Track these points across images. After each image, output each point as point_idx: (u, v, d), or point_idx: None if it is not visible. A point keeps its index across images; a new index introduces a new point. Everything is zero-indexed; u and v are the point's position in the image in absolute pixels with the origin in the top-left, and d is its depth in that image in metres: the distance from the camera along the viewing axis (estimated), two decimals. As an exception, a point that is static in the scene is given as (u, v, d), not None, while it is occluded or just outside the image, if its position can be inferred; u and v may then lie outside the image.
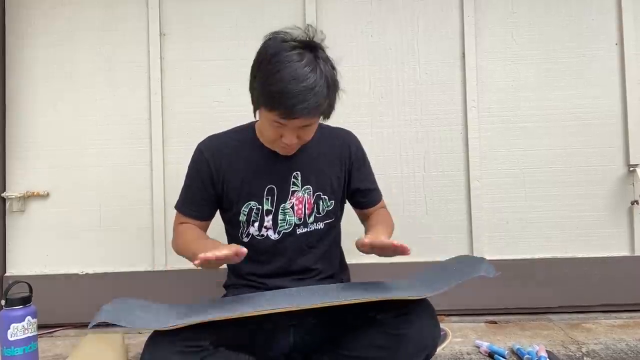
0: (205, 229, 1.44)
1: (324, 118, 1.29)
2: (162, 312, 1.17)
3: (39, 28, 2.05)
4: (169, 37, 2.06)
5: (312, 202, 1.37)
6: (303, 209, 1.36)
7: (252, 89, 1.27)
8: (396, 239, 1.60)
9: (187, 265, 1.98)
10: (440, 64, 2.05)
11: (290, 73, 1.15)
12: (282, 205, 1.35)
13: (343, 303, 1.11)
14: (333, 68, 1.25)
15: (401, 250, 1.16)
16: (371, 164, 1.52)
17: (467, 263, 1.27)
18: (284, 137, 1.24)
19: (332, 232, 1.43)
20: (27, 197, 2.02)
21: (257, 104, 1.26)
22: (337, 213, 1.44)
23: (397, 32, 2.06)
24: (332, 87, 1.23)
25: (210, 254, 1.08)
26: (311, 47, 1.22)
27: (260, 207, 1.35)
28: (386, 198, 1.58)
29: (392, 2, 2.06)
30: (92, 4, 2.06)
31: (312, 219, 1.37)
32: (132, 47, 2.05)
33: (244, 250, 1.14)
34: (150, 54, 2.04)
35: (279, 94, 1.15)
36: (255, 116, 1.32)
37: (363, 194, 1.48)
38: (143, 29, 2.05)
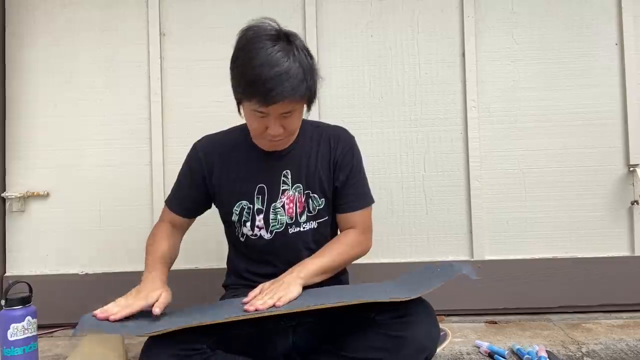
0: (186, 226, 1.48)
1: (307, 106, 1.28)
2: (146, 318, 1.16)
3: (39, 28, 2.05)
4: (169, 37, 2.06)
5: (302, 200, 1.36)
6: (294, 208, 1.36)
7: (232, 85, 1.28)
8: (396, 240, 1.61)
9: (187, 265, 1.99)
10: (440, 64, 2.05)
11: (263, 59, 1.17)
12: (272, 205, 1.35)
13: (326, 306, 1.12)
14: (309, 56, 1.25)
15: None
16: (371, 164, 1.50)
17: (447, 267, 1.27)
18: (269, 129, 1.24)
19: (328, 231, 1.42)
20: (27, 197, 2.02)
21: (238, 98, 1.28)
22: (331, 212, 1.42)
23: (397, 32, 2.06)
24: (308, 72, 1.21)
25: (105, 314, 1.10)
26: (285, 36, 1.23)
27: (251, 206, 1.35)
28: (386, 198, 1.57)
29: (392, 2, 2.06)
30: (92, 4, 2.06)
31: (303, 217, 1.37)
32: (132, 47, 2.05)
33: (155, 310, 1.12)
34: (150, 54, 2.04)
35: (254, 80, 1.17)
36: (240, 113, 1.32)
37: (339, 195, 1.39)
38: (143, 29, 2.05)
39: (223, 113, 2.00)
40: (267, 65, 1.16)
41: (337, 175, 1.38)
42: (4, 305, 1.39)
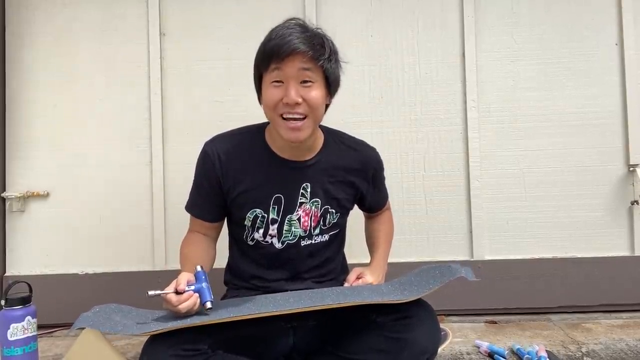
0: (218, 228, 1.41)
1: (327, 87, 1.26)
2: (143, 318, 1.17)
3: (39, 28, 2.05)
4: (169, 37, 2.06)
5: (318, 214, 1.35)
6: (309, 221, 1.34)
7: (254, 76, 1.28)
8: (396, 240, 1.63)
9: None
10: (440, 63, 2.05)
11: (282, 27, 1.23)
12: (288, 217, 1.32)
13: (325, 307, 1.12)
14: (332, 42, 1.28)
15: None
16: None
17: (445, 269, 1.27)
18: (285, 96, 1.19)
19: (336, 241, 1.42)
20: (27, 197, 2.02)
21: (258, 82, 1.27)
22: (343, 223, 1.43)
23: (397, 32, 2.06)
24: (329, 46, 1.24)
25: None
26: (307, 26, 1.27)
27: (265, 215, 1.32)
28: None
29: (392, 1, 2.06)
30: (92, 4, 2.06)
31: (317, 231, 1.35)
32: (132, 47, 2.05)
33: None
34: (150, 54, 2.04)
35: (272, 40, 1.20)
36: (260, 102, 1.29)
37: (373, 205, 1.52)
38: (143, 29, 2.05)
39: (223, 113, 2.01)
40: (286, 29, 1.21)
41: (370, 194, 1.46)
42: (4, 305, 1.40)
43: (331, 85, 1.27)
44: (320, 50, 1.21)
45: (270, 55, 1.19)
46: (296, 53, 1.17)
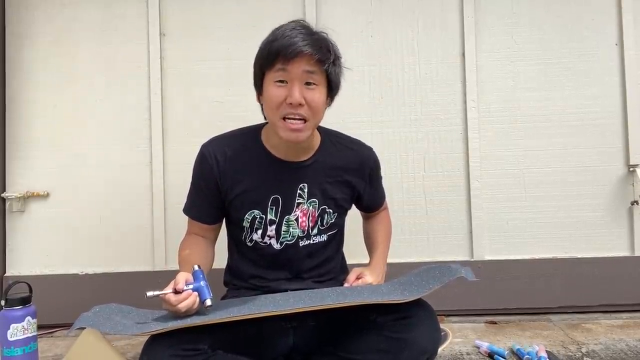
0: (216, 230, 1.41)
1: (328, 91, 1.27)
2: (143, 318, 1.17)
3: (39, 28, 2.05)
4: (169, 37, 2.06)
5: (316, 215, 1.35)
6: (307, 222, 1.34)
7: (254, 73, 1.28)
8: (396, 240, 1.63)
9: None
10: (440, 63, 2.05)
11: (287, 28, 1.22)
12: (286, 217, 1.33)
13: (325, 307, 1.12)
14: (336, 46, 1.28)
15: None
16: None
17: (445, 269, 1.27)
18: (289, 97, 1.19)
19: (335, 241, 1.43)
20: (27, 197, 2.02)
21: (259, 79, 1.25)
22: (341, 223, 1.43)
23: (397, 32, 2.06)
24: (334, 51, 1.25)
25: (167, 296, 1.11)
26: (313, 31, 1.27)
27: (263, 216, 1.32)
28: (386, 199, 1.58)
29: (392, 2, 2.06)
30: (92, 4, 2.06)
31: (315, 231, 1.35)
32: (132, 47, 2.05)
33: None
34: (150, 54, 2.04)
35: (277, 40, 1.19)
36: (259, 101, 1.29)
37: (370, 205, 1.52)
38: (143, 29, 2.05)
39: (223, 113, 2.02)
40: (291, 30, 1.21)
41: (367, 194, 1.46)
42: (4, 305, 1.40)
43: (332, 90, 1.29)
44: (326, 54, 1.22)
45: (277, 55, 1.19)
46: (303, 55, 1.18)
